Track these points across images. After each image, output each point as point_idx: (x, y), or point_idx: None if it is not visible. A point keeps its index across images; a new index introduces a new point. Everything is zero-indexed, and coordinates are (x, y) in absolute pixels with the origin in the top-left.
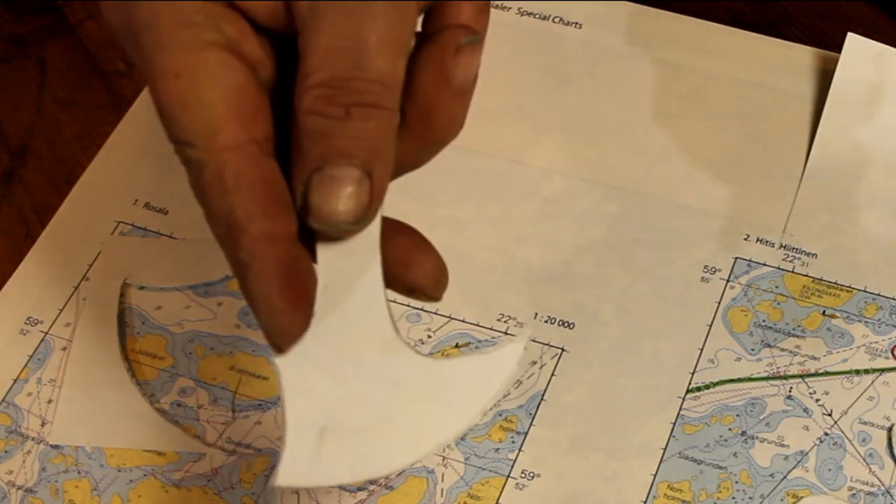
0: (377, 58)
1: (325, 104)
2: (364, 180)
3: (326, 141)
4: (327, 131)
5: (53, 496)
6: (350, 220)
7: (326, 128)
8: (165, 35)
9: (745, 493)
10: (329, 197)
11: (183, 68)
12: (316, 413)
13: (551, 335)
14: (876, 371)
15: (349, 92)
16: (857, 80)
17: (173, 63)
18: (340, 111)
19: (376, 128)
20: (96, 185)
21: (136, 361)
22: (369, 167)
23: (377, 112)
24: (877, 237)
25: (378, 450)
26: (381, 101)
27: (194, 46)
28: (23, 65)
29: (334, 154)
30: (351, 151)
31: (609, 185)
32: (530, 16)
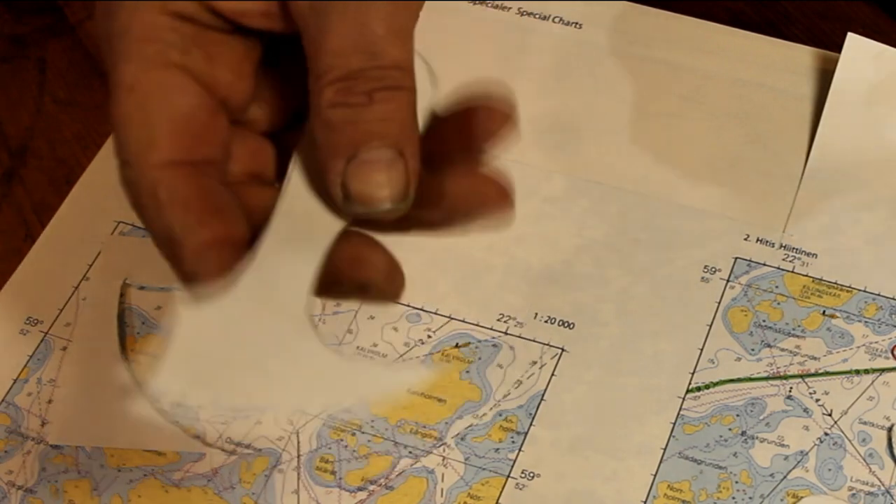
0: (390, 47)
1: (347, 95)
2: (398, 160)
3: (354, 128)
4: (354, 118)
5: (53, 496)
6: (394, 199)
7: (352, 116)
8: (131, 45)
9: (745, 493)
10: (369, 180)
11: (137, 83)
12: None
13: (551, 335)
14: (876, 371)
15: (368, 80)
16: (857, 80)
17: (130, 75)
18: (364, 98)
19: (400, 108)
20: (96, 185)
21: (136, 361)
22: (400, 146)
23: (399, 93)
24: (877, 237)
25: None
26: (401, 82)
27: (155, 63)
28: (23, 65)
29: (365, 138)
30: (381, 133)
31: (609, 185)
32: (530, 16)
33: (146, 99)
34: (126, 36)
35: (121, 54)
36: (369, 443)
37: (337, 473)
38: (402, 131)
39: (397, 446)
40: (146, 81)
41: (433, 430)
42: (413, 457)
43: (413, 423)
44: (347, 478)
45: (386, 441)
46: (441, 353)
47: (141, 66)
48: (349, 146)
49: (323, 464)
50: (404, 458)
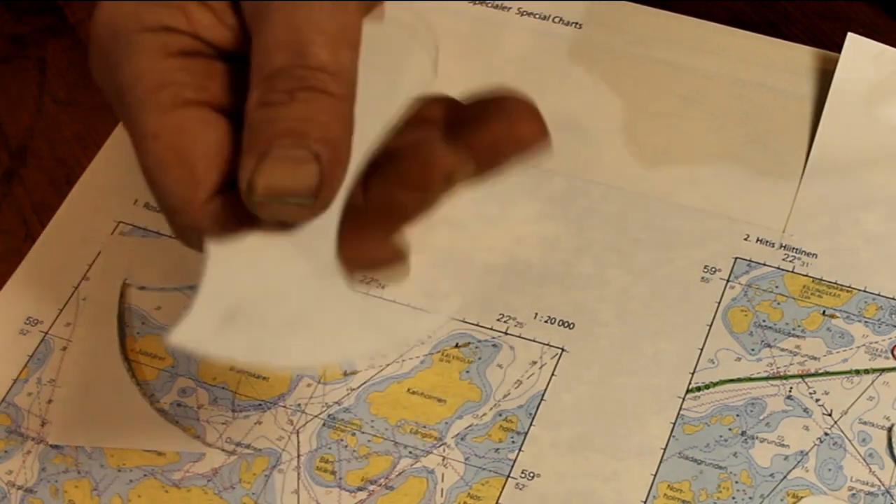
0: (318, 48)
1: (267, 92)
2: (311, 161)
3: (271, 126)
4: (272, 117)
5: (53, 496)
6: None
7: (271, 114)
8: (145, 96)
9: (745, 493)
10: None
11: (161, 129)
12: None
13: (551, 335)
14: (876, 371)
15: (291, 79)
16: (857, 80)
17: (152, 124)
18: (284, 97)
19: (321, 110)
20: (96, 185)
21: (136, 361)
22: (316, 149)
23: (322, 96)
24: (877, 237)
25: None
26: (326, 86)
27: (173, 106)
28: (23, 65)
29: (280, 135)
30: (297, 131)
31: (609, 185)
32: (530, 16)
33: (174, 142)
34: (138, 87)
35: (137, 106)
36: (369, 443)
37: (337, 473)
38: (321, 134)
39: (397, 446)
40: (169, 126)
41: (433, 430)
42: (413, 457)
43: (413, 423)
44: (347, 478)
45: (386, 441)
46: (441, 353)
47: (160, 113)
48: (262, 143)
49: (323, 464)
50: (404, 458)
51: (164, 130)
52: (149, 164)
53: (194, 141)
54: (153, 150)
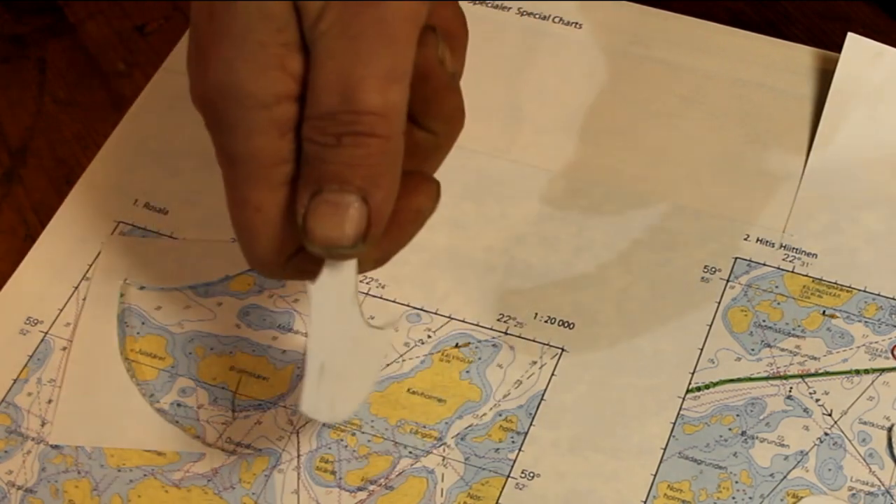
0: (366, 92)
1: (318, 133)
2: (361, 206)
3: (322, 166)
4: (322, 156)
5: (53, 496)
6: (349, 242)
7: (321, 153)
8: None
9: (745, 493)
10: (326, 221)
11: (265, 204)
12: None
13: (551, 335)
14: (876, 371)
15: (339, 123)
16: (857, 80)
17: (257, 198)
18: (332, 139)
19: (369, 154)
20: (96, 185)
21: (136, 361)
22: (365, 193)
23: (369, 140)
24: (877, 237)
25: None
26: (374, 129)
27: (280, 185)
28: (23, 65)
29: (329, 178)
30: (345, 177)
31: (609, 185)
32: (530, 16)
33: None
34: (252, 162)
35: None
36: (369, 443)
37: (337, 473)
38: (368, 179)
39: (397, 446)
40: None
41: (433, 430)
42: (413, 457)
43: (413, 423)
44: (347, 478)
45: (386, 441)
46: (441, 353)
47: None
48: (315, 181)
49: (323, 464)
50: (404, 458)
51: (267, 205)
52: (242, 228)
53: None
54: (251, 219)
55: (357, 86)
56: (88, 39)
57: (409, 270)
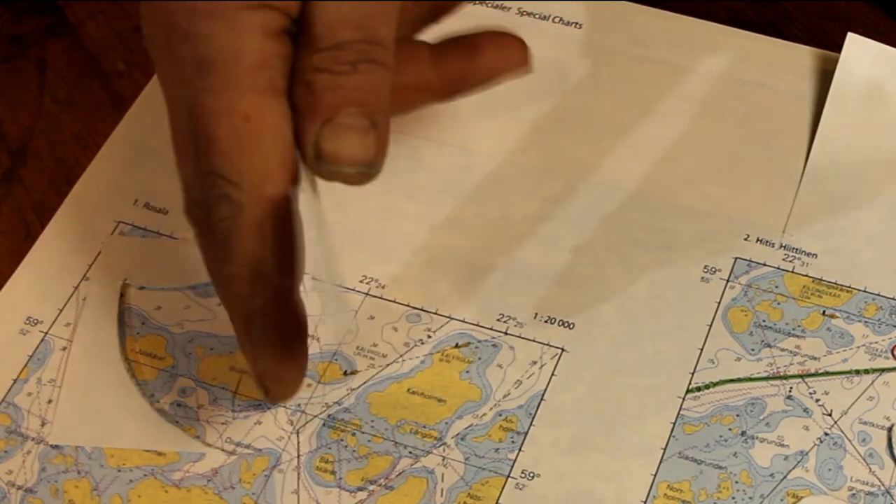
0: (379, 24)
1: (333, 62)
2: (371, 129)
3: (336, 92)
4: (337, 84)
5: (53, 496)
6: (363, 163)
7: (336, 81)
8: (244, 74)
9: (745, 493)
10: (342, 142)
11: (253, 112)
12: None
13: (551, 335)
14: (876, 371)
15: (355, 52)
16: (857, 80)
17: (245, 104)
18: (348, 67)
19: (378, 81)
20: (96, 185)
21: (136, 361)
22: (374, 118)
23: (380, 68)
24: (877, 237)
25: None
26: (384, 59)
27: (267, 91)
28: (23, 65)
29: (345, 102)
30: (359, 100)
31: (609, 185)
32: (530, 16)
33: (262, 129)
34: (236, 64)
35: (229, 83)
36: (369, 443)
37: (337, 473)
38: (377, 104)
39: (397, 446)
40: (262, 109)
41: (433, 430)
42: (413, 457)
43: (413, 423)
44: (347, 478)
45: (386, 441)
46: (441, 353)
47: (255, 95)
48: (328, 108)
49: (323, 464)
50: (404, 458)
51: (256, 113)
52: (227, 139)
53: (276, 133)
54: (239, 130)
55: (373, 18)
56: (88, 39)
57: (409, 270)
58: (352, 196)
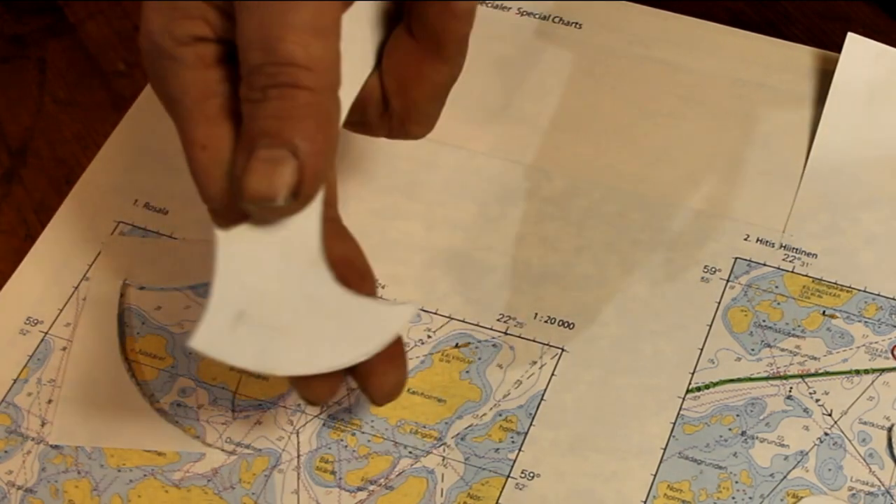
0: (287, 43)
1: (249, 89)
2: (289, 159)
3: (253, 123)
4: (251, 114)
5: (53, 496)
6: (283, 197)
7: (252, 111)
8: (193, 106)
9: (745, 493)
10: (257, 177)
11: (208, 140)
12: (240, 295)
13: (551, 335)
14: (876, 371)
15: (263, 76)
16: (857, 80)
17: (200, 135)
18: (259, 94)
19: (295, 106)
20: (96, 185)
21: (136, 361)
22: (293, 146)
23: (293, 91)
24: (877, 237)
25: (280, 351)
26: (298, 81)
27: (219, 117)
28: (23, 65)
29: (258, 135)
30: (272, 131)
31: (609, 185)
32: (530, 16)
33: (219, 155)
34: (185, 98)
35: (186, 116)
36: (369, 443)
37: (337, 473)
38: (296, 131)
39: (397, 446)
40: (216, 137)
41: (433, 430)
42: (413, 457)
43: (413, 423)
44: (347, 478)
45: (386, 441)
46: (441, 353)
47: (207, 124)
48: (247, 141)
49: (323, 464)
50: (404, 458)
51: (211, 142)
52: (196, 171)
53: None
54: (200, 159)
55: (278, 38)
56: (88, 39)
57: (409, 270)
58: (352, 196)
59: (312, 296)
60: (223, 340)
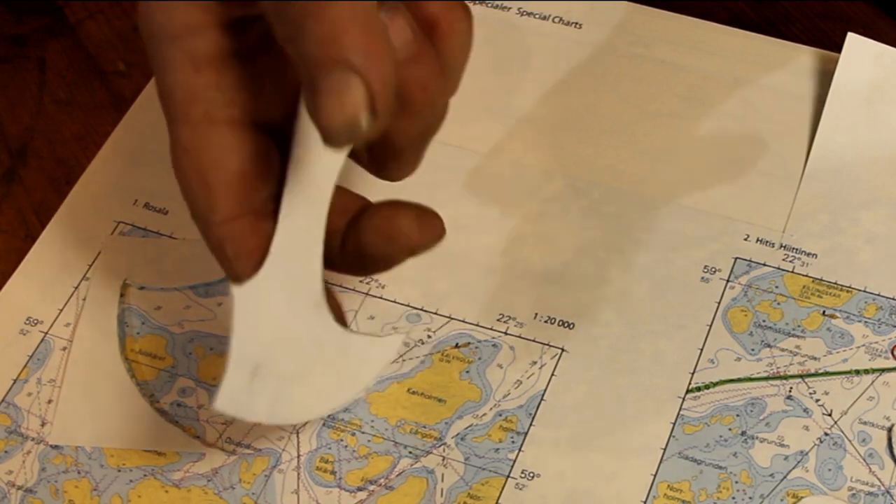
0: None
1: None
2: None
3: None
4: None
5: (53, 496)
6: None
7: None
8: (177, 109)
9: (745, 493)
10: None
11: (190, 145)
12: (255, 349)
13: (551, 335)
14: (876, 371)
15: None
16: (857, 80)
17: (183, 138)
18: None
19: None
20: (96, 185)
21: (136, 361)
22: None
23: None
24: (877, 237)
25: (290, 399)
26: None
27: (203, 123)
28: (23, 65)
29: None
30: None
31: (609, 185)
32: (530, 16)
33: (200, 162)
34: (171, 99)
35: (172, 117)
36: (369, 443)
37: (337, 473)
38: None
39: (397, 446)
40: (198, 143)
41: (433, 430)
42: (413, 457)
43: (413, 423)
44: (347, 478)
45: (386, 441)
46: (441, 353)
47: (190, 128)
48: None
49: (323, 464)
50: (404, 458)
51: (192, 146)
52: (177, 174)
53: (216, 164)
54: (182, 163)
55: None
56: (88, 39)
57: (409, 270)
58: None
59: (317, 339)
60: (242, 398)
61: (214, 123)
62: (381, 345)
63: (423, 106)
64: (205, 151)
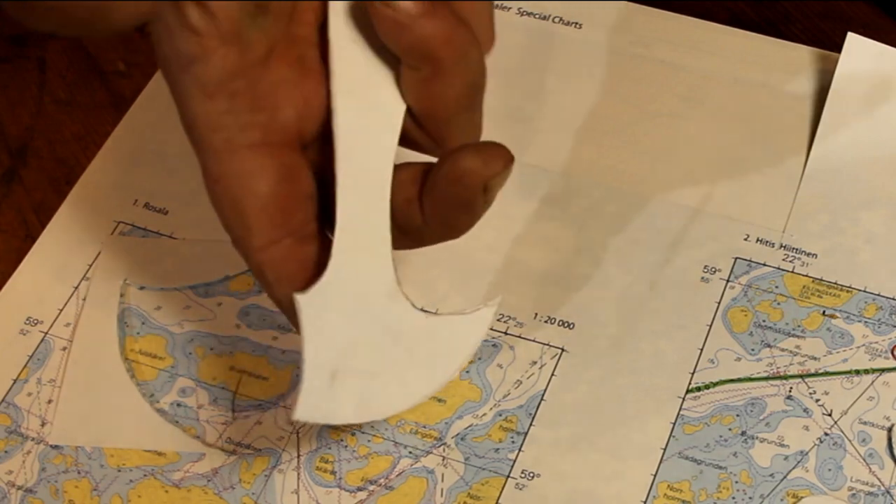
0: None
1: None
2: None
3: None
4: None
5: (53, 496)
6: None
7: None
8: (202, 140)
9: (745, 493)
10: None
11: (220, 174)
12: (330, 353)
13: (551, 335)
14: (876, 371)
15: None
16: (857, 80)
17: (212, 168)
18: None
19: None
20: (96, 185)
21: (136, 361)
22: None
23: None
24: (877, 237)
25: (377, 394)
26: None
27: (227, 151)
28: (23, 65)
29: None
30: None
31: (609, 185)
32: (530, 16)
33: (231, 190)
34: (195, 129)
35: (198, 147)
36: (369, 443)
37: (337, 473)
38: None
39: (397, 446)
40: (226, 171)
41: (433, 430)
42: (413, 457)
43: (413, 423)
44: (347, 478)
45: (386, 441)
46: None
47: (216, 158)
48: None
49: (323, 464)
50: (404, 458)
51: (222, 176)
52: (212, 202)
53: (246, 191)
54: (214, 192)
55: None
56: (88, 39)
57: (409, 270)
58: None
59: (395, 329)
60: (324, 404)
61: (237, 150)
62: (470, 321)
63: (452, 62)
64: (233, 179)
